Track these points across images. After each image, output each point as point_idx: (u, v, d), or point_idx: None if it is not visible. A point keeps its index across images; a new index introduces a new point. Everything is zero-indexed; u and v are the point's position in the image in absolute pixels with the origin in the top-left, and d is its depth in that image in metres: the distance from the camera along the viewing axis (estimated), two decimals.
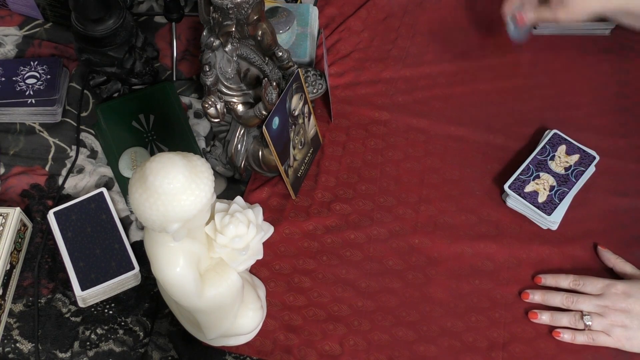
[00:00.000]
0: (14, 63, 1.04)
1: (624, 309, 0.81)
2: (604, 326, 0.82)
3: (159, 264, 0.70)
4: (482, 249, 0.91)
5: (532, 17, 0.94)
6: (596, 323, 0.82)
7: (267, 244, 0.87)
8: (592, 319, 0.82)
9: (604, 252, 0.89)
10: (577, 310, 0.84)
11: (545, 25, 1.05)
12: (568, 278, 0.86)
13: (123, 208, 0.96)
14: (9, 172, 0.98)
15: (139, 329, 0.87)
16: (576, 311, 0.84)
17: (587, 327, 0.82)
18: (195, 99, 1.05)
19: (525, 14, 0.95)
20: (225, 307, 0.77)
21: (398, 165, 0.98)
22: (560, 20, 0.91)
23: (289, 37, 1.04)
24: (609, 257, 0.88)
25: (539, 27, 1.07)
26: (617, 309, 0.82)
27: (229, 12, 0.78)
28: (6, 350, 0.86)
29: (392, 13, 1.13)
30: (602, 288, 0.84)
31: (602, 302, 0.82)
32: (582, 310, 0.83)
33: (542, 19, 0.94)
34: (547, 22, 0.96)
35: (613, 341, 0.82)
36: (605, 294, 0.83)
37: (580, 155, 0.95)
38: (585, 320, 0.82)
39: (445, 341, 0.85)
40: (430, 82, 1.06)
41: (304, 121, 0.93)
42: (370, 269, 0.90)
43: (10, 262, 0.88)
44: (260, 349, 0.85)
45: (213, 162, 0.98)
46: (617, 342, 0.82)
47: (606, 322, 0.82)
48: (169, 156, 0.64)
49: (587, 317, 0.82)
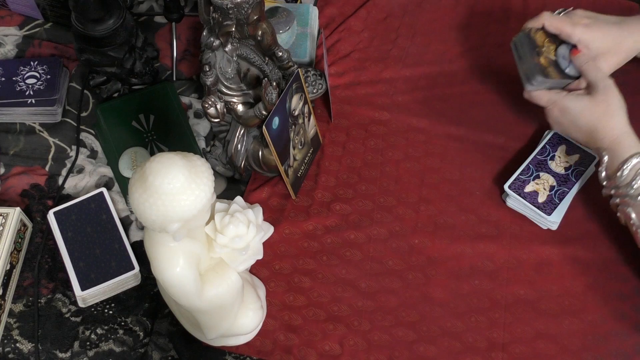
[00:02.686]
0: (14, 63, 1.04)
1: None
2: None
3: (159, 264, 0.70)
4: (482, 249, 0.91)
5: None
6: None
7: (267, 244, 0.87)
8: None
9: (577, 57, 0.87)
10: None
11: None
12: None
13: (123, 208, 0.96)
14: (9, 172, 0.98)
15: (139, 329, 0.87)
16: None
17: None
18: (195, 99, 1.05)
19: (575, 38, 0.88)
20: (225, 307, 0.77)
21: (398, 165, 0.98)
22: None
23: (289, 37, 1.04)
24: (581, 60, 0.87)
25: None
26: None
27: (229, 12, 0.78)
28: (6, 350, 0.86)
29: (392, 13, 1.13)
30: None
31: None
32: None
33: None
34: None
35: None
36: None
37: (580, 155, 0.95)
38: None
39: (445, 341, 0.85)
40: (430, 82, 1.06)
41: (304, 121, 0.93)
42: (370, 269, 0.90)
43: (10, 262, 0.88)
44: (260, 349, 0.85)
45: (213, 162, 0.98)
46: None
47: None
48: (169, 156, 0.64)
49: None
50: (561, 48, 0.89)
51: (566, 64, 0.88)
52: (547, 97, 0.88)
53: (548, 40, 0.89)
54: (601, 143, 0.83)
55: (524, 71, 0.89)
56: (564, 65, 0.88)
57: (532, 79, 0.88)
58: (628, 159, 0.80)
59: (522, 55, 0.90)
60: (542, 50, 0.88)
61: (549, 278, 0.89)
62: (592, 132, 0.83)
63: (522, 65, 0.90)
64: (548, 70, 0.88)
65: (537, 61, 0.87)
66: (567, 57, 0.88)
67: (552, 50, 0.89)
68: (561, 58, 0.89)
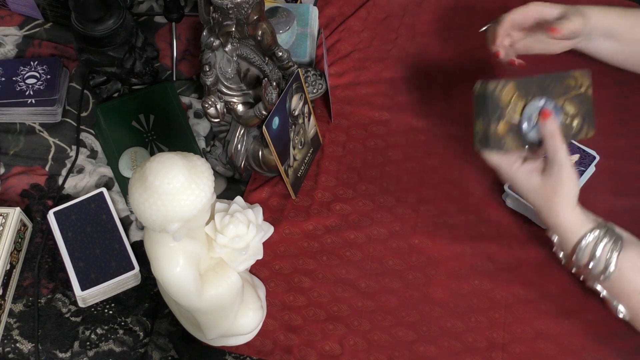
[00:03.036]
0: (14, 63, 1.04)
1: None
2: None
3: (159, 264, 0.70)
4: (482, 249, 0.91)
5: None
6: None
7: (267, 244, 0.87)
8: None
9: (544, 124, 0.79)
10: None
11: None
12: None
13: (123, 208, 0.96)
14: (9, 172, 0.98)
15: (139, 329, 0.87)
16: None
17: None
18: (195, 99, 1.05)
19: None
20: (225, 307, 0.77)
21: (398, 165, 0.98)
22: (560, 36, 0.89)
23: (289, 37, 1.04)
24: (546, 130, 0.78)
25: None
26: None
27: (229, 12, 0.78)
28: (6, 350, 0.86)
29: (392, 13, 1.13)
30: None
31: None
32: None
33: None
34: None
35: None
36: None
37: (580, 155, 0.95)
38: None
39: (445, 341, 0.85)
40: (431, 82, 1.06)
41: (304, 121, 0.93)
42: (370, 269, 0.90)
43: (10, 262, 0.88)
44: (260, 348, 0.85)
45: (213, 162, 0.98)
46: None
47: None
48: (169, 156, 0.64)
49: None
50: (531, 106, 0.77)
51: (529, 127, 0.78)
52: (498, 164, 0.80)
53: (517, 95, 0.77)
54: (548, 224, 0.81)
55: (477, 130, 0.79)
56: (526, 128, 0.78)
57: (483, 146, 0.79)
58: (579, 242, 0.78)
59: (481, 113, 0.78)
60: (506, 112, 0.77)
61: (549, 278, 0.89)
62: (539, 211, 0.81)
63: (477, 123, 0.79)
64: (505, 140, 0.78)
65: (494, 129, 0.77)
66: (534, 118, 0.78)
67: (519, 108, 0.77)
68: (527, 118, 0.77)
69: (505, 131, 0.78)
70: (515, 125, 0.78)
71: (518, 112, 0.78)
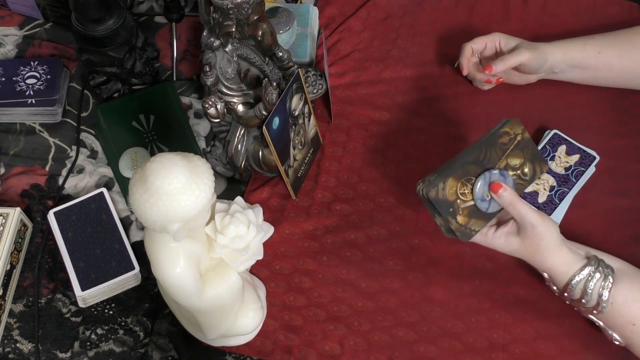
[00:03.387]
0: (14, 63, 1.04)
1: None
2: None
3: (160, 264, 0.70)
4: (482, 249, 0.91)
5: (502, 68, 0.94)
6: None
7: (267, 244, 0.87)
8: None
9: (497, 196, 0.79)
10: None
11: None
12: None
13: (123, 208, 0.96)
14: (9, 172, 0.98)
15: (139, 329, 0.87)
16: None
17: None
18: (195, 99, 1.05)
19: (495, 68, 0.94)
20: (225, 308, 0.77)
21: (398, 165, 0.98)
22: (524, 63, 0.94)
23: (289, 37, 1.04)
24: (502, 201, 0.79)
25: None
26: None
27: (229, 13, 0.78)
28: (6, 351, 0.86)
29: (392, 13, 1.13)
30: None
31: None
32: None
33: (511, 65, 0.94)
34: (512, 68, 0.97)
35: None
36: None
37: (581, 155, 0.95)
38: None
39: (445, 342, 0.85)
40: (431, 82, 1.06)
41: (304, 121, 0.93)
42: (370, 269, 0.90)
43: (11, 262, 0.88)
44: (260, 349, 0.85)
45: (213, 162, 0.98)
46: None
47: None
48: (169, 156, 0.64)
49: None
50: (478, 186, 0.77)
51: (487, 205, 0.78)
52: (475, 239, 0.81)
53: (460, 184, 0.77)
54: (538, 269, 0.81)
55: (440, 223, 0.80)
56: (484, 207, 0.78)
57: (453, 236, 0.79)
58: (570, 280, 0.78)
59: (434, 212, 0.79)
60: (458, 205, 0.77)
61: None
62: (528, 261, 0.81)
63: (436, 218, 0.80)
64: (469, 225, 0.78)
65: (455, 224, 0.77)
66: (485, 195, 0.78)
67: (468, 194, 0.77)
68: (480, 199, 0.78)
69: (467, 218, 0.78)
70: (473, 206, 0.78)
71: (469, 197, 0.78)
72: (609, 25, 1.07)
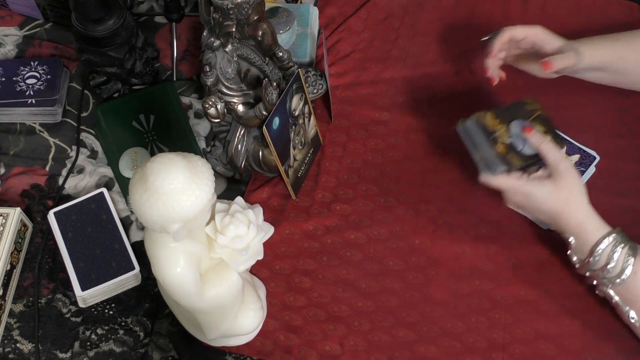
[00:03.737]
0: (14, 63, 1.04)
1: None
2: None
3: (160, 264, 0.70)
4: (483, 249, 0.91)
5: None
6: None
7: (268, 244, 0.87)
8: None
9: (531, 135, 0.84)
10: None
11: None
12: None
13: (123, 208, 0.96)
14: (9, 172, 0.98)
15: (139, 329, 0.87)
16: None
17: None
18: (195, 99, 1.05)
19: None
20: (225, 308, 0.77)
21: (398, 165, 0.98)
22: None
23: (289, 38, 1.04)
24: (536, 140, 0.83)
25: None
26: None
27: (230, 13, 0.78)
28: (6, 351, 0.86)
29: (392, 13, 1.13)
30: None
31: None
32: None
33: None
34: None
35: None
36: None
37: (581, 155, 0.95)
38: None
39: (445, 342, 0.85)
40: (431, 82, 1.06)
41: (304, 121, 0.93)
42: (370, 269, 0.90)
43: (11, 262, 0.88)
44: (260, 349, 0.85)
45: (213, 163, 0.98)
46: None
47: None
48: (169, 157, 0.64)
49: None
50: (513, 126, 0.85)
51: (521, 144, 0.84)
52: (509, 184, 0.83)
53: (498, 121, 0.85)
54: (567, 228, 0.82)
55: (481, 159, 0.84)
56: (519, 146, 0.84)
57: (494, 169, 0.83)
58: (597, 244, 0.79)
59: (476, 143, 0.85)
60: (497, 135, 0.84)
61: (549, 278, 0.89)
62: (556, 217, 0.82)
63: (477, 152, 0.85)
64: (509, 157, 0.83)
65: (495, 151, 0.83)
66: (520, 135, 0.84)
67: (504, 131, 0.84)
68: (516, 137, 0.84)
69: (506, 150, 0.84)
70: (509, 144, 0.84)
71: (505, 135, 0.84)
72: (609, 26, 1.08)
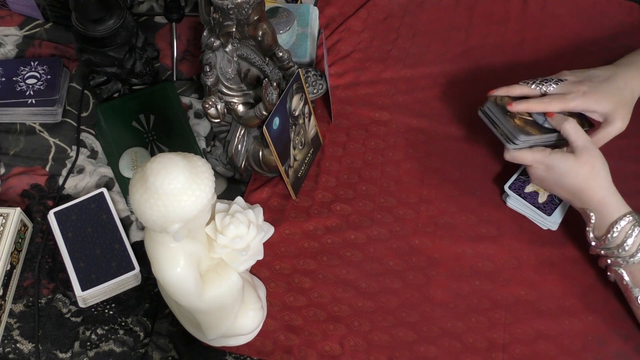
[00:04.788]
0: (14, 63, 1.04)
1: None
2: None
3: (160, 264, 0.70)
4: (483, 249, 0.91)
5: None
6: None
7: (268, 245, 0.87)
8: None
9: (552, 119, 0.85)
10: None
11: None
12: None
13: (123, 208, 0.96)
14: (9, 172, 0.98)
15: (140, 329, 0.87)
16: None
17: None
18: (195, 99, 1.05)
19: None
20: (225, 308, 0.77)
21: (398, 165, 0.98)
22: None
23: (289, 38, 1.04)
24: (558, 121, 0.85)
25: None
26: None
27: (230, 13, 0.78)
28: (6, 351, 0.86)
29: (392, 13, 1.13)
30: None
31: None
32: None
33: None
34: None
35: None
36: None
37: None
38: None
39: (445, 342, 0.85)
40: (431, 82, 1.06)
41: (304, 121, 0.93)
42: (370, 269, 0.90)
43: (11, 262, 0.88)
44: (260, 349, 0.85)
45: (213, 163, 0.98)
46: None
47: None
48: (169, 157, 0.64)
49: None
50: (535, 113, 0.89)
51: (543, 119, 0.87)
52: (532, 156, 0.85)
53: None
54: (588, 204, 0.83)
55: (502, 134, 0.87)
56: (540, 120, 0.87)
57: (515, 138, 0.85)
58: (617, 221, 0.80)
59: (495, 120, 0.88)
60: (515, 114, 0.87)
61: (549, 278, 0.89)
62: (578, 193, 0.83)
63: (498, 129, 0.87)
64: (527, 128, 0.86)
65: (514, 123, 0.86)
66: (541, 115, 0.87)
67: (525, 113, 0.88)
68: (536, 115, 0.87)
69: (524, 124, 0.86)
70: (530, 120, 0.87)
71: (526, 114, 0.88)
72: (609, 26, 1.08)
